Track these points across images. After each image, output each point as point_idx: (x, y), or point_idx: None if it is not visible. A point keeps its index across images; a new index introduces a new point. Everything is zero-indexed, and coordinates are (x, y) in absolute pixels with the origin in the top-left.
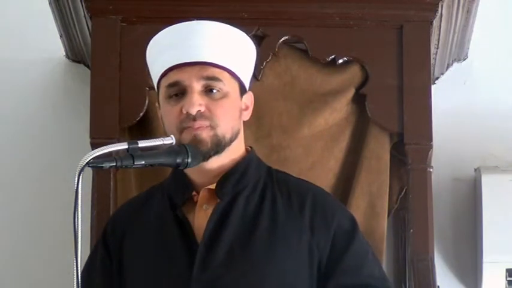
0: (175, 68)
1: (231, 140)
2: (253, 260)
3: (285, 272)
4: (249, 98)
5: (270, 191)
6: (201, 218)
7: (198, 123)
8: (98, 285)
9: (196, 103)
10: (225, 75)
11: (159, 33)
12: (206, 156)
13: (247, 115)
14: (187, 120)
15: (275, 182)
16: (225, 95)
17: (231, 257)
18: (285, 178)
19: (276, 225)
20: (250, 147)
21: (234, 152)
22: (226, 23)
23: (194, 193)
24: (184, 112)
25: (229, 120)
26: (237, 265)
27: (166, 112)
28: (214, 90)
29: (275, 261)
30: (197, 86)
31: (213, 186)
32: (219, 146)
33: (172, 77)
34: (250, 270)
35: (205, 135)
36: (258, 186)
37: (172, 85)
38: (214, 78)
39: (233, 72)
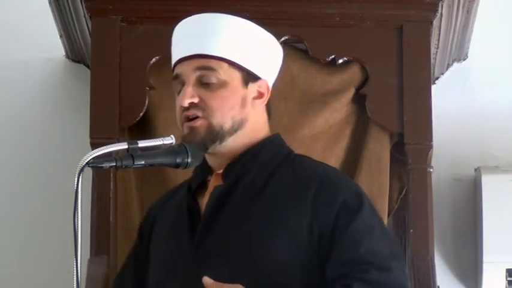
0: (179, 62)
1: (233, 129)
2: (245, 240)
3: (278, 251)
4: (262, 86)
5: (279, 173)
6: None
7: (190, 112)
8: (130, 273)
9: (188, 95)
10: (221, 65)
11: (176, 27)
12: (203, 146)
13: (261, 103)
14: (184, 112)
15: (289, 165)
16: (221, 85)
17: (224, 237)
18: (300, 160)
19: (275, 206)
20: (278, 134)
21: (245, 139)
22: None
23: (209, 178)
24: (179, 105)
25: (227, 109)
26: (229, 245)
27: (176, 106)
28: (210, 81)
29: (268, 241)
30: (192, 78)
31: (221, 170)
32: (215, 136)
33: (175, 70)
34: (241, 251)
35: (199, 125)
36: (267, 168)
37: (174, 78)
38: (206, 68)
39: (233, 62)
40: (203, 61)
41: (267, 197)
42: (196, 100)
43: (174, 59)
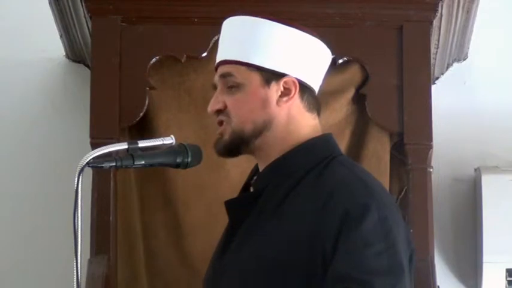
0: (215, 70)
1: (257, 132)
2: (253, 246)
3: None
4: (288, 82)
5: (305, 181)
6: None
7: (218, 118)
8: None
9: (212, 103)
10: (238, 69)
11: None
12: (225, 152)
13: (287, 100)
14: (217, 118)
15: (320, 170)
16: (239, 89)
17: (244, 243)
18: (333, 165)
19: (288, 215)
20: (326, 134)
21: (279, 138)
22: None
23: (253, 181)
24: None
25: (246, 112)
26: (240, 252)
27: None
28: (232, 86)
29: (270, 248)
30: (220, 85)
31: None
32: (239, 140)
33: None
34: (246, 259)
35: (223, 130)
36: (295, 175)
37: (214, 88)
38: (225, 75)
39: (249, 64)
40: (223, 67)
41: (286, 206)
42: (218, 106)
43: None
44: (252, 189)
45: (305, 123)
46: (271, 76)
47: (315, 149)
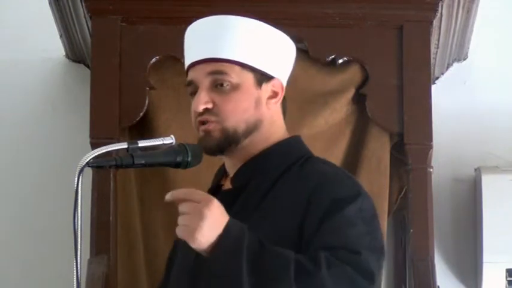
0: (191, 66)
1: (248, 132)
2: None
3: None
4: (276, 85)
5: (286, 176)
6: None
7: (204, 118)
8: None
9: (202, 101)
10: (233, 68)
11: (186, 31)
12: (216, 150)
13: (275, 102)
14: (198, 117)
15: (299, 167)
16: (234, 88)
17: None
18: (311, 162)
19: (274, 210)
20: (297, 136)
21: (262, 139)
22: None
23: (223, 181)
24: (194, 111)
25: (240, 112)
26: None
27: (191, 111)
28: (224, 84)
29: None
30: (205, 83)
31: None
32: (230, 139)
33: (188, 76)
34: None
35: (213, 129)
36: (276, 172)
37: (188, 84)
38: (218, 72)
39: (244, 64)
40: (215, 65)
41: (269, 201)
42: (210, 105)
43: (186, 64)
44: (225, 187)
45: (281, 125)
46: (262, 77)
47: (290, 148)
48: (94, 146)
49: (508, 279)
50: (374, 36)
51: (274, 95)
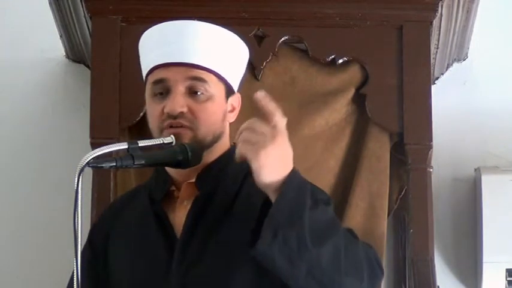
0: (162, 66)
1: (213, 142)
2: (223, 252)
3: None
4: (236, 100)
5: (247, 183)
6: (181, 213)
7: (178, 122)
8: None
9: (178, 104)
10: (211, 78)
11: (151, 29)
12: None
13: (233, 116)
14: (168, 119)
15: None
16: (209, 98)
17: (204, 249)
18: None
19: (246, 215)
20: (234, 143)
21: (217, 151)
22: (226, 23)
23: (173, 188)
24: (166, 112)
25: (211, 123)
26: (207, 257)
27: (150, 110)
28: (199, 92)
29: (245, 252)
30: (181, 86)
31: (193, 180)
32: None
33: (158, 74)
34: (219, 262)
35: (184, 134)
36: (237, 178)
37: (157, 82)
38: (199, 79)
39: (220, 75)
40: (196, 71)
41: (238, 207)
42: (185, 110)
43: (153, 62)
44: (183, 193)
45: (228, 135)
46: (229, 91)
47: None
48: (94, 146)
49: (508, 279)
50: (374, 36)
51: (233, 109)
